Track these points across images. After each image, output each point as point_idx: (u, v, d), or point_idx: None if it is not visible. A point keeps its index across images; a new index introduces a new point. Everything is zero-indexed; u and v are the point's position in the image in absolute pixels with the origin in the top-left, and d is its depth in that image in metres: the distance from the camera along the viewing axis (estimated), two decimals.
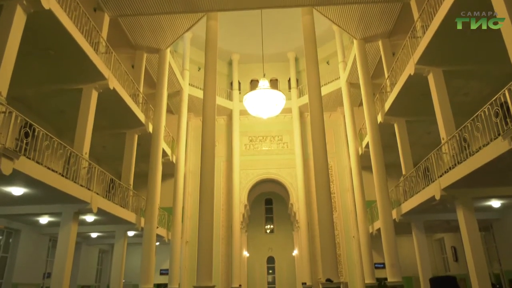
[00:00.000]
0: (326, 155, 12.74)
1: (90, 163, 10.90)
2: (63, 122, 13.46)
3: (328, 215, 11.84)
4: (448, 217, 12.51)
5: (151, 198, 14.66)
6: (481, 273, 9.18)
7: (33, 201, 10.06)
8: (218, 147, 19.69)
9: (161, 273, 18.58)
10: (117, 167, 16.04)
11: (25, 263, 13.17)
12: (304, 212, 19.95)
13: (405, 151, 13.97)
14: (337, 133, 21.32)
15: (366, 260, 15.96)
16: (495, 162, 7.40)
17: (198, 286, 10.87)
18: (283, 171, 21.25)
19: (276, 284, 25.35)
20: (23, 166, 7.46)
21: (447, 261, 18.16)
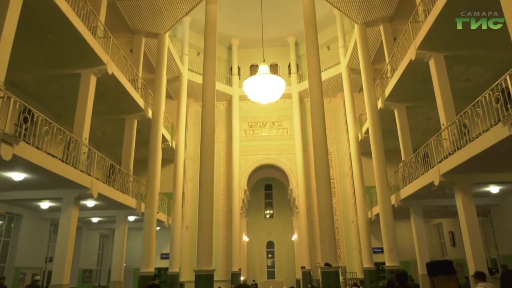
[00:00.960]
0: (326, 141, 12.73)
1: (89, 149, 10.90)
2: (62, 108, 13.40)
3: (327, 200, 11.90)
4: (447, 202, 12.59)
5: (151, 183, 14.72)
6: (478, 257, 9.29)
7: (34, 187, 10.09)
8: (217, 132, 19.68)
9: (161, 257, 18.80)
10: (117, 153, 16.06)
11: (27, 248, 13.31)
12: (303, 197, 20.06)
13: (404, 137, 13.96)
14: (337, 118, 21.27)
15: (364, 245, 16.13)
16: (494, 148, 7.39)
17: (198, 270, 11.00)
18: (282, 156, 21.29)
19: (275, 268, 25.68)
20: (23, 151, 7.46)
21: (445, 246, 18.35)
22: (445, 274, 2.21)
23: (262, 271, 25.37)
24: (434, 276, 2.24)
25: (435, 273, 2.24)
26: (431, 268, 2.28)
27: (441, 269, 2.24)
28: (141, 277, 13.68)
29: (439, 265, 2.26)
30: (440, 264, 2.27)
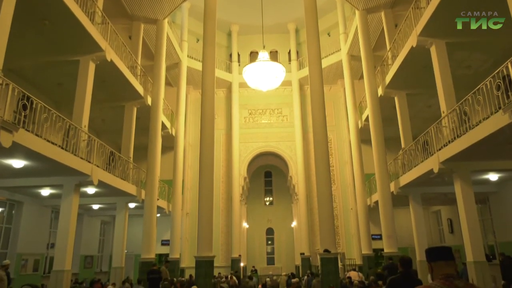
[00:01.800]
0: (326, 128, 12.71)
1: (89, 136, 10.89)
2: (61, 95, 13.35)
3: (327, 187, 11.95)
4: (446, 190, 12.65)
5: (151, 170, 14.76)
6: (475, 244, 9.38)
7: (34, 174, 10.12)
8: (217, 120, 19.64)
9: (162, 243, 18.97)
10: (116, 140, 16.06)
11: (29, 234, 13.42)
12: (303, 184, 20.15)
13: (404, 124, 13.94)
14: (337, 106, 21.21)
15: (363, 232, 16.27)
16: (494, 135, 7.39)
17: (198, 256, 11.10)
18: (282, 144, 21.30)
19: (275, 254, 25.93)
20: (23, 138, 7.46)
21: (443, 233, 18.50)
22: (443, 259, 2.24)
23: (262, 257, 25.62)
24: (432, 261, 2.27)
25: (434, 258, 2.27)
26: (430, 254, 2.31)
27: (439, 255, 2.27)
28: (142, 263, 13.85)
29: (438, 251, 2.29)
30: (439, 250, 2.30)
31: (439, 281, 2.17)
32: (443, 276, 2.18)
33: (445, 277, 2.17)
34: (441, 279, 2.17)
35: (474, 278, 9.13)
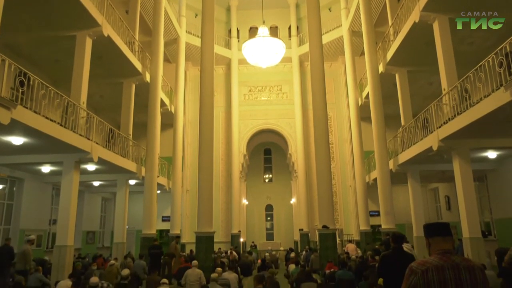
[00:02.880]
0: (326, 106, 12.65)
1: (88, 113, 10.84)
2: (59, 71, 13.19)
3: (326, 165, 12.00)
4: (444, 167, 12.73)
5: (151, 147, 14.78)
6: (472, 221, 9.51)
7: (34, 151, 10.14)
8: (217, 97, 19.51)
9: (163, 219, 19.22)
10: (115, 117, 16.00)
11: (31, 210, 13.57)
12: (302, 162, 20.24)
13: (405, 102, 13.87)
14: (337, 83, 21.04)
15: (361, 208, 16.47)
16: (495, 113, 7.36)
17: (199, 231, 11.26)
18: (282, 121, 21.25)
19: (274, 230, 26.35)
20: (21, 115, 7.42)
21: (440, 210, 18.74)
22: (441, 235, 2.27)
23: (261, 233, 26.04)
24: (430, 237, 2.30)
25: (432, 234, 2.30)
26: (428, 229, 2.34)
27: (437, 231, 2.30)
28: (143, 238, 14.08)
29: (436, 227, 2.32)
30: (437, 226, 2.33)
31: (436, 256, 2.20)
32: (440, 252, 2.21)
33: (442, 253, 2.20)
34: (438, 254, 2.21)
35: (469, 253, 9.30)
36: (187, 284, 8.64)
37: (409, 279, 2.20)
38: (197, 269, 8.96)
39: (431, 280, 2.11)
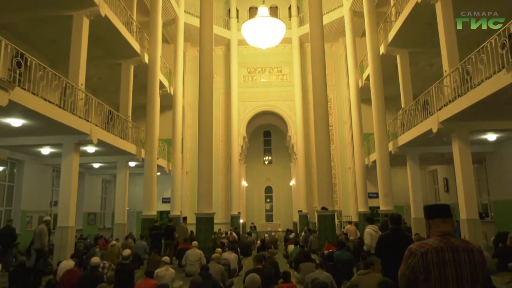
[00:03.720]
0: (326, 87, 12.57)
1: (87, 95, 10.78)
2: (56, 52, 13.03)
3: (326, 147, 12.02)
4: (443, 150, 12.75)
5: (150, 129, 14.76)
6: (470, 203, 9.58)
7: (33, 133, 10.12)
8: (216, 78, 19.34)
9: (163, 201, 19.37)
10: (114, 99, 15.91)
11: (32, 192, 13.65)
12: (302, 144, 20.26)
13: (405, 83, 13.79)
14: (338, 64, 20.85)
15: (360, 190, 16.58)
16: (496, 95, 7.32)
17: (199, 213, 11.37)
18: (281, 103, 21.17)
19: (273, 212, 26.61)
20: (19, 97, 7.37)
21: (438, 192, 18.88)
22: (441, 217, 2.28)
23: (261, 215, 26.31)
24: (431, 218, 2.32)
25: (432, 215, 2.31)
26: (429, 211, 2.36)
27: (437, 213, 2.31)
28: (143, 219, 14.23)
29: (436, 209, 2.34)
30: (437, 207, 2.35)
31: (436, 238, 2.23)
32: (439, 233, 2.23)
33: (442, 234, 2.22)
34: (438, 236, 2.23)
35: (466, 234, 9.42)
36: (188, 264, 8.78)
37: (408, 261, 2.23)
38: (197, 249, 9.09)
39: (431, 261, 2.13)
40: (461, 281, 2.10)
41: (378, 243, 4.77)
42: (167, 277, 6.45)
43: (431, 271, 2.12)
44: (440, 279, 2.11)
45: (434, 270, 2.12)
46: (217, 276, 6.53)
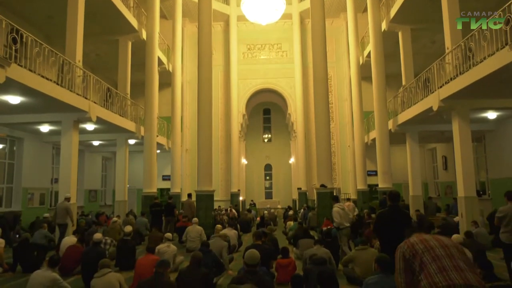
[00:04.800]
0: (326, 65, 12.42)
1: (84, 72, 10.66)
2: (52, 28, 12.80)
3: (325, 125, 12.00)
4: (443, 128, 12.74)
5: (149, 107, 14.68)
6: (468, 180, 9.64)
7: (32, 110, 10.08)
8: (215, 55, 19.06)
9: (163, 178, 19.49)
10: (112, 76, 15.75)
11: (32, 169, 13.70)
12: (301, 122, 20.21)
13: (407, 61, 13.63)
14: (339, 41, 20.53)
15: (359, 168, 16.65)
16: (499, 72, 7.24)
17: (199, 190, 11.45)
18: (281, 80, 20.97)
19: (273, 189, 26.84)
20: (16, 74, 7.30)
21: (437, 170, 18.99)
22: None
23: (260, 192, 26.54)
24: None
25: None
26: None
27: None
28: (144, 197, 14.36)
29: None
30: None
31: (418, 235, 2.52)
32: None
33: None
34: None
35: (463, 211, 9.53)
36: (188, 240, 8.91)
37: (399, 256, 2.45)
38: (198, 226, 9.21)
39: (419, 249, 2.35)
40: (452, 257, 2.27)
41: (376, 220, 4.82)
42: (169, 253, 6.56)
43: (422, 257, 2.30)
44: (434, 260, 2.26)
45: (425, 255, 2.30)
46: (218, 252, 6.65)
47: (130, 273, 6.21)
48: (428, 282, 2.21)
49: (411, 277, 2.33)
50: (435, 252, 2.30)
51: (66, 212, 9.42)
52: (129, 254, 7.31)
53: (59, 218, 9.41)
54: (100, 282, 4.47)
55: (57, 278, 4.74)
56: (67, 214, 9.41)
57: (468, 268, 2.26)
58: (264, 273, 4.46)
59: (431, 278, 2.21)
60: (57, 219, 9.45)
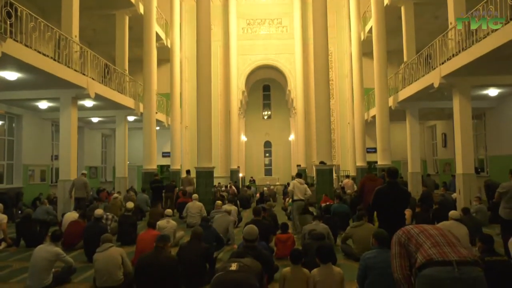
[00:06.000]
0: (327, 40, 12.21)
1: (81, 47, 10.50)
2: (47, 2, 12.49)
3: (325, 102, 11.92)
4: (444, 105, 12.68)
5: (148, 83, 14.55)
6: (467, 157, 9.68)
7: (30, 86, 10.00)
8: (214, 30, 18.72)
9: (163, 155, 19.56)
10: (110, 52, 15.53)
11: (32, 146, 13.71)
12: (301, 98, 20.10)
13: (409, 36, 13.41)
14: (340, 16, 20.16)
15: (359, 145, 16.67)
16: (502, 48, 7.14)
17: (199, 166, 11.50)
18: (281, 56, 20.71)
19: (272, 166, 26.99)
20: (12, 49, 7.18)
21: (436, 147, 19.04)
22: None
23: (260, 169, 26.70)
24: None
25: None
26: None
27: None
28: (144, 173, 14.44)
29: None
30: None
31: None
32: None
33: None
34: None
35: (461, 188, 9.61)
36: (189, 216, 9.03)
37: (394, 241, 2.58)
38: (198, 202, 9.31)
39: (413, 233, 2.49)
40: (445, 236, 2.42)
41: (375, 196, 4.86)
42: (168, 229, 6.66)
43: (417, 238, 2.44)
44: (428, 238, 2.40)
45: (419, 236, 2.44)
46: (225, 227, 6.77)
47: (131, 248, 6.33)
48: (423, 255, 2.30)
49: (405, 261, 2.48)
50: (429, 232, 2.44)
51: (84, 186, 9.98)
52: (131, 230, 7.41)
53: (78, 193, 9.99)
54: (102, 256, 4.55)
55: (60, 252, 4.83)
56: (85, 188, 9.97)
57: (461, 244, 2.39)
58: (263, 248, 4.54)
59: (425, 252, 2.33)
60: (76, 193, 10.03)
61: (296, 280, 3.63)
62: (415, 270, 2.35)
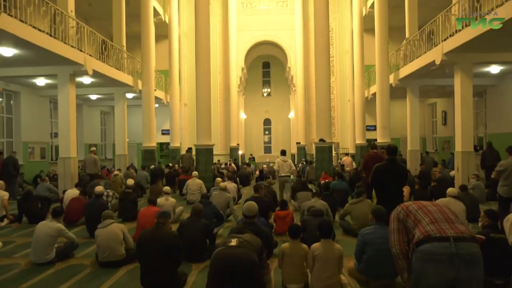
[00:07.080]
0: (328, 16, 11.99)
1: (78, 23, 10.31)
2: None
3: (325, 79, 11.81)
4: (445, 82, 12.58)
5: (146, 60, 14.37)
6: (466, 135, 9.69)
7: (27, 63, 9.89)
8: (212, 5, 18.33)
9: (162, 133, 19.55)
10: (107, 28, 15.25)
11: (31, 124, 13.68)
12: (301, 75, 19.92)
13: (412, 12, 13.15)
14: None
15: (358, 123, 16.63)
16: (506, 24, 7.01)
17: (198, 144, 11.51)
18: (281, 32, 20.38)
19: (271, 143, 27.03)
20: (6, 24, 7.06)
21: (436, 125, 19.01)
22: None
23: (259, 146, 26.76)
24: None
25: None
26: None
27: None
28: (144, 151, 14.47)
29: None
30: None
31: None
32: None
33: None
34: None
35: (459, 166, 9.66)
36: (189, 193, 9.11)
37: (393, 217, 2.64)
38: (198, 179, 9.37)
39: (412, 209, 2.56)
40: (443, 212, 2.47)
41: (374, 173, 4.89)
42: (167, 206, 6.72)
43: (416, 214, 2.50)
44: (426, 214, 2.46)
45: (418, 212, 2.50)
46: (223, 204, 6.84)
47: (132, 224, 6.42)
48: (421, 231, 2.34)
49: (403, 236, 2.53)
50: (428, 209, 2.50)
51: (94, 163, 11.04)
52: (131, 206, 7.49)
53: (89, 169, 11.02)
54: (104, 232, 4.61)
55: (62, 228, 4.89)
56: (95, 165, 10.99)
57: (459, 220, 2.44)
58: (263, 224, 4.59)
59: (423, 228, 2.36)
60: (87, 170, 11.09)
61: (295, 254, 3.70)
62: (413, 245, 2.38)
